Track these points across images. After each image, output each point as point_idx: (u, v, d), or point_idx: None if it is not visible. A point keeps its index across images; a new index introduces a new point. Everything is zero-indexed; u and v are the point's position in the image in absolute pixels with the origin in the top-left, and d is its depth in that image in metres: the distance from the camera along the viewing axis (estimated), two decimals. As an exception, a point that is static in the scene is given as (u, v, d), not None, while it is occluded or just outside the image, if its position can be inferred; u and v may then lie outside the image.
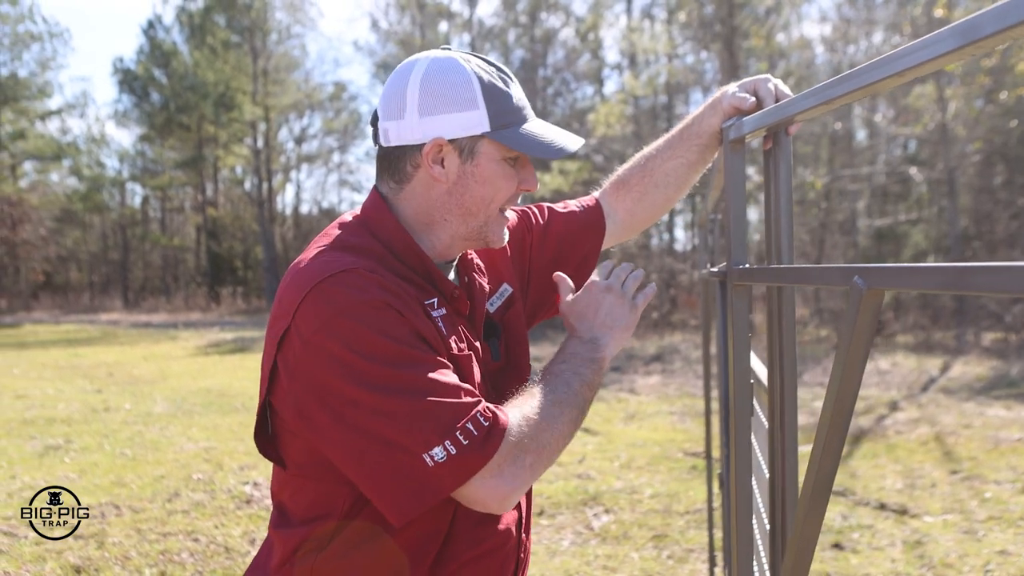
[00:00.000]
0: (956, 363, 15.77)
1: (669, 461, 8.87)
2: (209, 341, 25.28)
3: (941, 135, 20.36)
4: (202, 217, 51.25)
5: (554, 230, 2.42)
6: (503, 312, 2.19)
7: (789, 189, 1.81)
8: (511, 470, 1.67)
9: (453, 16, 40.80)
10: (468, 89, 1.85)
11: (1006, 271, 0.86)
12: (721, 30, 25.22)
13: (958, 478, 7.95)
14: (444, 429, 1.62)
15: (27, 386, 15.03)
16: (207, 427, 11.01)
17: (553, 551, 6.27)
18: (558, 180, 23.84)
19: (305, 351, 1.69)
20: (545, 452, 1.74)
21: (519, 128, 1.87)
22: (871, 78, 1.22)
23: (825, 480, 1.27)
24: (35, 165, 53.60)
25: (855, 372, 1.17)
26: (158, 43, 49.04)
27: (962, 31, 0.98)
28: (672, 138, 2.42)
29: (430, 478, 1.63)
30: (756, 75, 2.24)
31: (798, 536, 1.34)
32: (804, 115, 1.54)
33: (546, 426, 1.74)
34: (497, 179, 1.90)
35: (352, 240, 1.88)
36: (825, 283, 1.28)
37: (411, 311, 1.73)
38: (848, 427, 1.22)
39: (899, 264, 1.05)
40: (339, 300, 1.68)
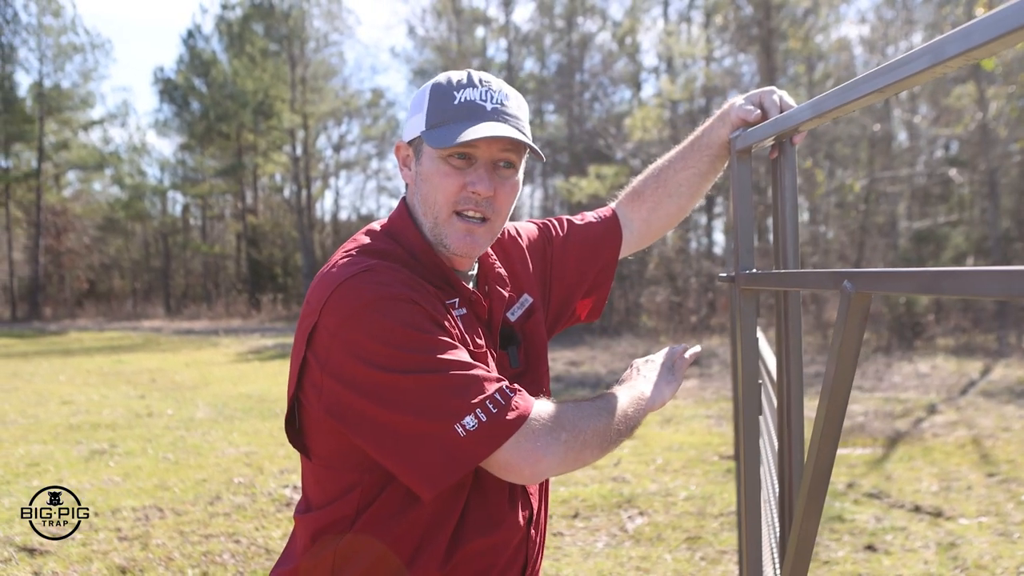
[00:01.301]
0: (997, 366, 15.67)
1: (704, 464, 8.90)
2: (250, 347, 25.47)
3: (982, 136, 20.18)
4: (242, 224, 51.59)
5: (574, 241, 2.51)
6: (523, 321, 2.28)
7: (794, 196, 1.89)
8: (545, 439, 1.77)
9: (489, 21, 40.84)
10: (423, 95, 2.00)
11: (971, 275, 0.94)
12: (758, 32, 25.14)
13: (995, 481, 7.93)
14: (474, 399, 1.73)
15: (73, 392, 15.24)
16: (248, 432, 11.13)
17: (587, 552, 6.33)
18: (595, 184, 23.84)
19: (333, 343, 1.80)
20: (580, 437, 1.81)
21: (448, 125, 1.94)
22: (867, 89, 1.30)
23: (822, 475, 1.34)
24: (78, 175, 54.31)
25: (847, 371, 1.24)
26: (198, 52, 49.46)
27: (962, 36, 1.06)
28: (684, 149, 2.51)
29: (462, 447, 1.72)
30: (793, 77, 2.32)
31: (797, 528, 1.41)
32: (807, 125, 1.61)
33: (584, 415, 1.84)
34: (435, 176, 1.97)
35: (377, 246, 2.00)
36: (819, 287, 1.36)
37: (431, 304, 1.84)
38: (842, 423, 1.29)
39: (883, 269, 1.13)
40: (362, 294, 1.79)
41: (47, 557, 6.22)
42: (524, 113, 2.06)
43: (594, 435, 1.82)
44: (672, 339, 22.50)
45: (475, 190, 1.96)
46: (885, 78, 1.22)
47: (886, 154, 26.17)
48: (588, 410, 1.85)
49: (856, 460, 8.88)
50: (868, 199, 24.96)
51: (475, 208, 1.99)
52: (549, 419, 1.78)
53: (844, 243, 25.60)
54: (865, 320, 1.21)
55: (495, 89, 2.00)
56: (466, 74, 2.02)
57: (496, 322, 2.15)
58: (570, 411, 1.83)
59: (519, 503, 2.11)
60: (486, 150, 1.97)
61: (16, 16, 46.73)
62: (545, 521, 2.29)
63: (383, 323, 1.77)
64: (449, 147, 1.91)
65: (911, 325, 20.03)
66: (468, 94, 1.97)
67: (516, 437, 1.74)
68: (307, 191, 48.36)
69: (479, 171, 1.97)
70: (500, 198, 2.02)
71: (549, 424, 1.77)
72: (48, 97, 47.52)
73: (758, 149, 2.08)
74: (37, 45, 47.31)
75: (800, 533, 1.42)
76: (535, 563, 2.22)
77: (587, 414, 1.84)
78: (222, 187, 52.54)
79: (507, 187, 2.04)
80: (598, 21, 39.35)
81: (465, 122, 1.93)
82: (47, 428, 11.43)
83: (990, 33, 0.97)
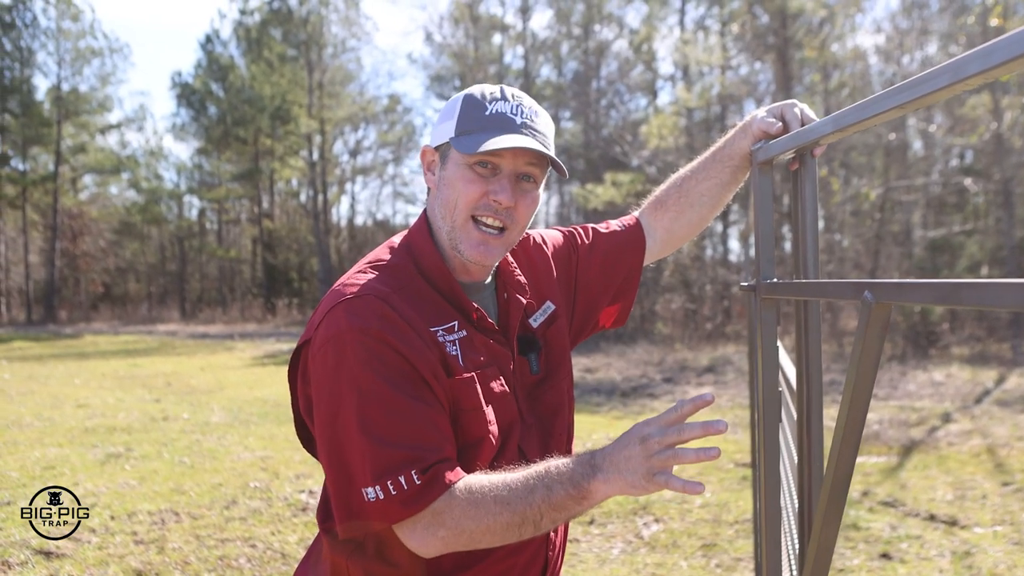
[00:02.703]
0: (1012, 375, 15.62)
1: (720, 471, 8.89)
2: (265, 352, 25.54)
3: (997, 145, 20.14)
4: (258, 229, 51.73)
5: (599, 249, 2.55)
6: (545, 328, 2.31)
7: (815, 207, 1.91)
8: (423, 533, 1.82)
9: (507, 28, 40.93)
10: (455, 103, 2.07)
11: (989, 287, 0.96)
12: (774, 41, 25.13)
13: (1010, 490, 7.92)
14: (382, 474, 1.79)
15: (88, 395, 15.32)
16: (263, 437, 11.17)
17: (603, 559, 6.35)
18: (611, 192, 23.86)
19: (312, 362, 1.92)
20: (462, 536, 1.82)
21: (477, 134, 2.00)
22: (888, 104, 1.32)
23: (841, 483, 1.36)
24: (95, 178, 54.62)
25: (867, 380, 1.26)
26: (215, 57, 49.65)
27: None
28: (706, 160, 2.54)
29: (363, 511, 1.81)
30: (808, 86, 2.34)
31: (817, 536, 1.42)
32: (828, 138, 1.63)
33: (475, 515, 1.80)
34: (459, 182, 2.03)
35: (391, 261, 2.09)
36: (840, 297, 1.38)
37: (407, 345, 1.89)
38: (861, 432, 1.30)
39: (903, 280, 1.14)
40: (342, 324, 1.88)
41: (63, 560, 6.26)
42: (551, 132, 2.11)
43: (481, 532, 1.81)
44: (687, 346, 22.46)
45: (497, 199, 2.01)
46: (906, 95, 1.24)
47: (902, 163, 26.11)
48: (488, 508, 1.79)
49: (871, 468, 8.88)
50: (883, 208, 24.92)
51: (494, 216, 2.04)
52: (436, 514, 1.81)
53: (859, 251, 25.56)
54: (886, 330, 1.22)
55: (526, 105, 2.07)
56: (499, 89, 2.09)
57: (513, 329, 2.19)
58: (466, 507, 1.80)
59: None
60: (511, 162, 2.02)
61: (35, 20, 47.09)
62: (566, 525, 2.32)
63: (348, 359, 1.86)
64: (476, 154, 1.97)
65: (926, 334, 19.99)
66: (499, 107, 2.03)
67: (400, 524, 1.83)
68: (323, 196, 48.48)
69: (502, 181, 2.02)
70: (520, 210, 2.07)
71: (431, 519, 1.81)
72: (66, 101, 47.82)
73: (778, 160, 2.10)
74: (56, 49, 47.63)
75: (820, 541, 1.43)
76: (555, 565, 2.26)
77: (483, 512, 1.79)
78: (238, 191, 52.73)
79: (527, 200, 2.08)
80: (615, 29, 39.39)
81: (494, 132, 1.98)
82: (63, 431, 11.49)
83: (1012, 53, 0.99)
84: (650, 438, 1.74)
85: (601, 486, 1.76)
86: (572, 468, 1.79)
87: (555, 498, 1.77)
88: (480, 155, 1.99)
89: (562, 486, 1.77)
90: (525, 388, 2.17)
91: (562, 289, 2.45)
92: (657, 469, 1.73)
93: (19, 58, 46.78)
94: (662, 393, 15.00)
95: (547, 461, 1.84)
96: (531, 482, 1.80)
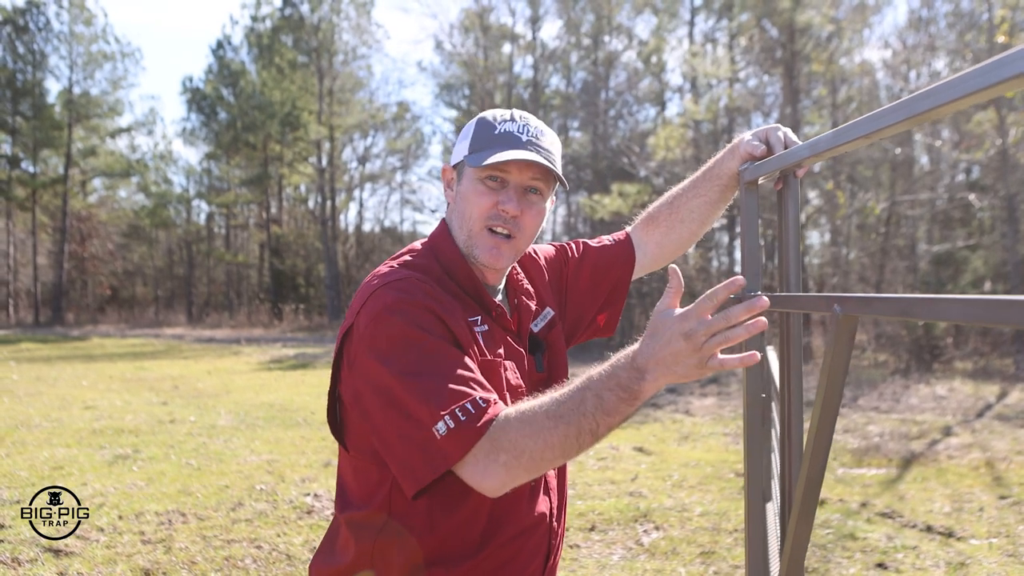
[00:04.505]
0: (1014, 390, 15.67)
1: (720, 481, 8.98)
2: (272, 357, 25.63)
3: (1002, 161, 20.20)
4: (266, 234, 51.83)
5: (588, 261, 2.73)
6: (547, 332, 2.49)
7: (797, 224, 2.03)
8: (484, 463, 1.87)
9: (517, 38, 41.05)
10: (470, 126, 2.28)
11: (939, 302, 1.07)
12: (782, 55, 25.21)
13: (1007, 503, 8.00)
14: (448, 405, 1.88)
15: (96, 397, 15.42)
16: (270, 440, 11.26)
17: (603, 565, 6.43)
18: (617, 202, 23.92)
19: (359, 342, 2.03)
20: (523, 457, 1.86)
21: (487, 150, 2.19)
22: (855, 134, 1.43)
23: (814, 483, 1.46)
24: (104, 181, 54.83)
25: (837, 386, 1.37)
26: (226, 63, 49.87)
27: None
28: (696, 179, 2.70)
29: (439, 448, 1.88)
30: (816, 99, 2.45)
31: (792, 534, 1.53)
32: (808, 161, 1.75)
33: (531, 433, 1.85)
34: (472, 195, 2.22)
35: (417, 261, 2.25)
36: (814, 309, 1.49)
37: (449, 315, 2.05)
38: (832, 435, 1.41)
39: (868, 295, 1.25)
40: (388, 300, 2.02)
41: (72, 558, 6.35)
42: (557, 150, 2.30)
43: (542, 450, 1.84)
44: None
45: (504, 208, 2.20)
46: (870, 125, 1.35)
47: (907, 177, 26.18)
48: (542, 424, 1.84)
49: (870, 480, 8.96)
50: (889, 222, 24.98)
51: (503, 225, 2.22)
52: (493, 440, 1.86)
53: (865, 265, 25.61)
54: (852, 339, 1.33)
55: (532, 125, 2.26)
56: (510, 112, 2.29)
57: (525, 331, 2.38)
58: (520, 427, 1.86)
59: (541, 497, 2.30)
60: (517, 175, 2.21)
61: (48, 24, 47.30)
62: (565, 514, 2.47)
63: (399, 325, 1.98)
64: (484, 166, 2.16)
65: (930, 348, 20.04)
66: (508, 127, 2.23)
67: (467, 458, 1.88)
68: (331, 202, 48.59)
69: (509, 192, 2.21)
70: (526, 219, 2.24)
71: (490, 447, 1.86)
72: (77, 104, 48.02)
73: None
74: (68, 53, 47.86)
75: (794, 538, 1.54)
76: (557, 551, 2.40)
77: (539, 428, 1.84)
78: (247, 197, 52.88)
79: (533, 211, 2.26)
80: (624, 40, 39.50)
81: (502, 148, 2.17)
82: (71, 432, 11.59)
83: (955, 94, 1.10)
84: (695, 332, 1.72)
85: (651, 384, 1.79)
86: (619, 374, 1.82)
87: (607, 404, 1.81)
88: (488, 168, 2.18)
89: (612, 392, 1.81)
90: (532, 386, 2.30)
91: (555, 297, 2.63)
92: (708, 356, 1.73)
93: (32, 61, 46.99)
94: (665, 404, 15.08)
95: (587, 373, 1.88)
96: (580, 394, 1.84)
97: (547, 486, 2.34)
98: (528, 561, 2.26)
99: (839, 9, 25.69)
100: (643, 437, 11.76)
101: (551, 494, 2.36)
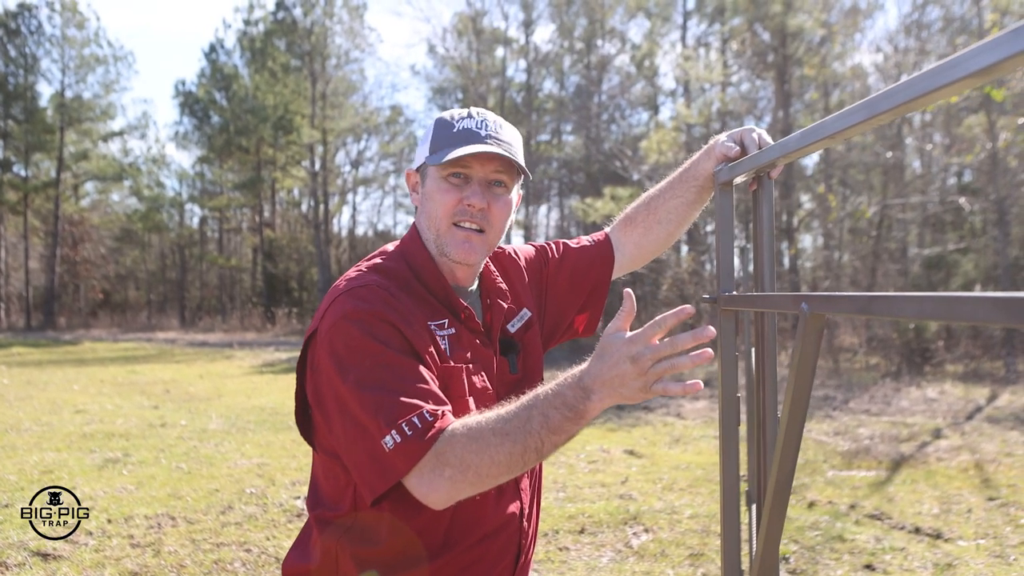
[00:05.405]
0: (1004, 392, 15.70)
1: (710, 483, 8.99)
2: (264, 361, 25.61)
3: (992, 165, 20.25)
4: (259, 238, 51.82)
5: (568, 261, 2.74)
6: (523, 333, 2.50)
7: (772, 224, 2.04)
8: (430, 476, 1.90)
9: (510, 42, 41.09)
10: (429, 128, 2.30)
11: (895, 299, 1.08)
12: (775, 59, 25.28)
13: (995, 505, 8.02)
14: (393, 420, 1.90)
15: (86, 401, 15.40)
16: (260, 444, 11.26)
17: (592, 567, 6.44)
18: (610, 205, 23.94)
19: (320, 347, 2.06)
20: (469, 473, 1.87)
21: (446, 148, 2.20)
22: (820, 135, 1.44)
23: (785, 480, 1.47)
24: (97, 185, 54.78)
25: (805, 384, 1.38)
26: (219, 66, 49.86)
27: (869, 105, 1.19)
28: (673, 180, 2.72)
29: (387, 460, 1.91)
30: (808, 103, 2.46)
31: (764, 530, 1.53)
32: (781, 160, 1.77)
33: (477, 449, 1.86)
34: (436, 193, 2.24)
35: (387, 264, 2.28)
36: (784, 309, 1.50)
37: (407, 324, 2.06)
38: (801, 434, 1.42)
39: (833, 293, 1.27)
40: (348, 308, 2.05)
41: (60, 562, 6.35)
42: (517, 142, 2.32)
43: (487, 466, 1.86)
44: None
45: (470, 203, 2.22)
46: (835, 125, 1.37)
47: (899, 181, 26.24)
48: (488, 440, 1.86)
49: (859, 482, 8.97)
50: (881, 225, 25.03)
51: (471, 220, 2.24)
52: (439, 455, 1.88)
53: (857, 268, 25.66)
54: (820, 337, 1.35)
55: (490, 120, 2.27)
56: (467, 110, 2.30)
57: (496, 331, 2.37)
58: (466, 442, 1.87)
59: (509, 500, 2.30)
60: (479, 170, 2.23)
61: (40, 27, 47.25)
62: (538, 514, 2.49)
63: (356, 333, 2.01)
64: (445, 163, 2.18)
65: (920, 351, 20.08)
66: (466, 123, 2.25)
67: (413, 471, 1.91)
68: (325, 206, 48.55)
69: (473, 187, 2.23)
70: (494, 212, 2.27)
71: (435, 461, 1.88)
72: (69, 108, 47.96)
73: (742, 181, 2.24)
74: (60, 56, 47.81)
75: (767, 533, 1.54)
76: (528, 552, 2.41)
77: (484, 444, 1.86)
78: (240, 200, 52.86)
79: (500, 203, 2.28)
80: (617, 44, 39.61)
81: (461, 144, 2.19)
82: (61, 436, 11.58)
83: (910, 94, 1.11)
84: (641, 356, 1.75)
85: (596, 405, 1.82)
86: (565, 393, 1.84)
87: (553, 423, 1.83)
88: (450, 165, 2.20)
89: (557, 411, 1.83)
90: (505, 387, 2.32)
91: (534, 298, 2.63)
92: (652, 381, 1.77)
93: (23, 65, 46.93)
94: (657, 407, 15.08)
95: (534, 391, 1.90)
96: (526, 412, 1.86)
97: (518, 487, 2.35)
98: (496, 561, 2.28)
99: (831, 13, 25.79)
100: (634, 440, 11.76)
101: (522, 494, 2.36)
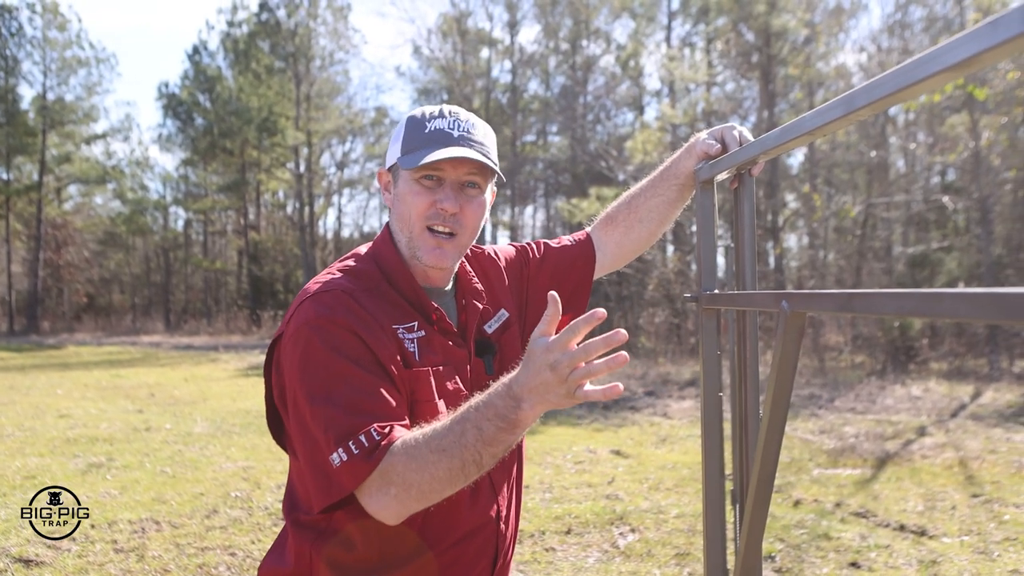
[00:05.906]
0: (988, 390, 15.76)
1: (696, 483, 8.98)
2: (249, 363, 25.54)
3: (975, 164, 20.33)
4: (244, 240, 51.73)
5: (549, 261, 2.71)
6: (500, 333, 2.47)
7: (752, 222, 2.03)
8: (377, 495, 1.91)
9: (495, 43, 41.14)
10: (400, 127, 2.26)
11: (874, 296, 1.07)
12: (759, 59, 25.34)
13: (979, 501, 8.04)
14: (342, 439, 1.91)
15: (70, 406, 15.32)
16: (245, 447, 11.22)
17: (578, 568, 6.43)
18: (595, 206, 23.95)
19: (284, 352, 2.07)
20: (412, 490, 1.88)
21: (419, 150, 2.17)
22: (798, 131, 1.43)
23: (767, 479, 1.46)
24: (80, 188, 54.52)
25: (787, 381, 1.37)
26: (203, 68, 49.73)
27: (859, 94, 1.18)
28: (654, 179, 2.68)
29: (335, 475, 1.92)
30: (793, 103, 2.45)
31: (747, 527, 1.52)
32: (762, 157, 1.76)
33: (416, 468, 1.86)
34: (408, 196, 2.21)
35: (358, 267, 2.27)
36: (765, 307, 1.49)
37: (368, 332, 2.05)
38: (783, 432, 1.41)
39: (812, 291, 1.26)
40: (310, 315, 2.04)
41: (43, 568, 6.31)
42: (491, 141, 2.29)
43: (429, 483, 1.86)
44: (670, 360, 22.57)
45: (443, 207, 2.18)
46: (813, 122, 1.36)
47: (883, 180, 26.34)
48: (426, 458, 1.86)
49: (845, 480, 8.99)
50: (865, 224, 25.11)
51: (443, 223, 2.20)
52: (383, 473, 1.88)
53: (842, 267, 25.75)
54: (801, 335, 1.34)
55: (463, 119, 2.24)
56: (438, 108, 2.26)
57: (470, 332, 2.35)
58: (408, 461, 1.87)
59: (485, 502, 2.29)
60: (452, 172, 2.20)
61: (21, 29, 46.96)
62: (517, 517, 2.47)
63: (314, 341, 2.01)
64: (417, 167, 2.15)
65: (905, 349, 20.15)
66: (437, 123, 2.21)
67: (363, 488, 1.92)
68: (310, 208, 48.49)
69: (446, 190, 2.20)
70: (467, 214, 2.24)
71: (381, 480, 1.89)
72: (51, 110, 47.72)
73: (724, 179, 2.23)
74: (42, 58, 47.54)
75: (749, 529, 1.53)
76: (506, 554, 2.39)
77: (423, 462, 1.85)
78: (224, 203, 52.76)
79: (473, 205, 2.25)
80: (602, 44, 39.69)
81: (434, 147, 2.15)
82: (44, 441, 11.52)
83: (884, 90, 1.09)
84: (559, 363, 1.74)
85: (528, 413, 1.81)
86: (496, 403, 1.83)
87: (487, 435, 1.82)
88: (422, 168, 2.17)
89: (490, 422, 1.82)
90: (481, 389, 2.28)
91: (514, 298, 2.60)
92: (574, 387, 1.76)
93: (4, 67, 46.64)
94: (644, 407, 15.09)
95: (468, 403, 1.90)
96: (460, 426, 1.85)
97: (494, 489, 2.33)
98: (472, 564, 2.26)
99: (814, 13, 25.87)
100: (620, 440, 11.76)
101: (499, 497, 2.34)
